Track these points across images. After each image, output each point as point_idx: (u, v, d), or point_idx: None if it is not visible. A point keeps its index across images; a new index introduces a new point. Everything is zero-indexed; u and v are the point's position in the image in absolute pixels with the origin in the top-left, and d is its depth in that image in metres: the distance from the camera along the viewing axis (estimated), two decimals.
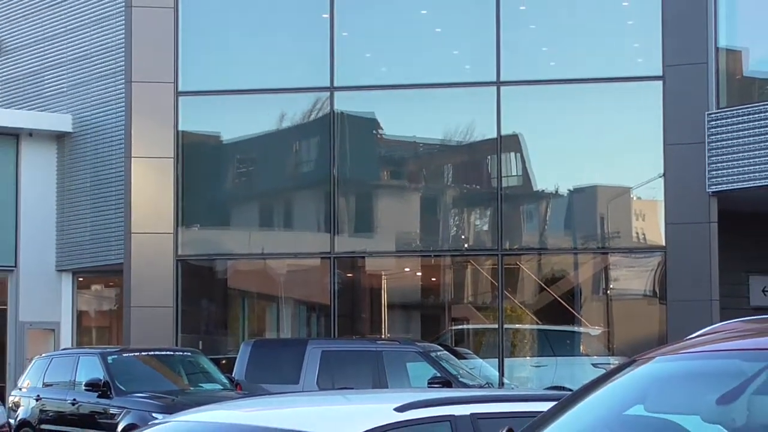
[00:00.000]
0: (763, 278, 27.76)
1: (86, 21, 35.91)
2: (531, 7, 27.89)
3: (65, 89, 36.42)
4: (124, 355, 24.01)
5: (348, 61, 28.32)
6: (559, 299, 28.06)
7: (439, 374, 22.46)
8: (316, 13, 28.54)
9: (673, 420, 4.59)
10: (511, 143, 27.97)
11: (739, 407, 4.36)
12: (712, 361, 4.69)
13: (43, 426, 23.55)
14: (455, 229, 29.26)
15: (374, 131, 29.49)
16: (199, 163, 29.29)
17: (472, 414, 6.78)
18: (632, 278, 28.22)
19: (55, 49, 37.01)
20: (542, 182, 28.52)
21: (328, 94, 28.34)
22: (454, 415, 6.78)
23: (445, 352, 24.59)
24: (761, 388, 4.32)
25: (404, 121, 29.20)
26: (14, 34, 38.62)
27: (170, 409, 17.57)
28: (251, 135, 29.94)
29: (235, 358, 25.04)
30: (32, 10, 38.34)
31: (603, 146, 27.71)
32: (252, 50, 29.25)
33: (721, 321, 5.28)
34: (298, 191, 30.17)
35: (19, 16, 38.71)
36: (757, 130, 24.96)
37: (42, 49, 37.51)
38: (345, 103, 28.47)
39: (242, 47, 29.28)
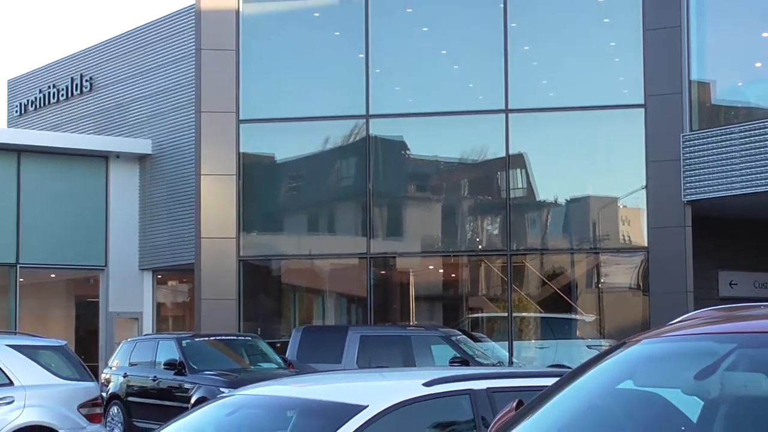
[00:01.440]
0: (730, 273, 27.67)
1: (163, 62, 36.04)
2: (533, 47, 27.82)
3: (146, 118, 36.56)
4: (196, 339, 24.02)
5: (381, 93, 28.29)
6: (558, 291, 27.99)
7: (458, 355, 22.43)
8: (354, 53, 28.53)
9: (658, 393, 4.60)
10: (517, 161, 27.92)
11: (713, 382, 4.37)
12: (690, 343, 4.67)
13: (130, 398, 23.60)
14: (471, 233, 29.19)
15: (403, 152, 29.45)
16: (257, 179, 29.28)
17: (487, 388, 6.76)
18: (620, 274, 28.12)
19: (138, 85, 37.13)
20: (544, 193, 28.45)
21: (365, 120, 28.32)
22: (472, 389, 6.76)
23: (463, 336, 24.52)
24: (731, 365, 4.33)
25: (427, 143, 29.14)
26: (104, 73, 38.78)
27: (234, 385, 17.52)
28: (300, 155, 29.93)
29: (288, 342, 25.04)
30: (119, 53, 38.48)
31: (594, 163, 27.62)
32: (300, 84, 29.22)
33: (695, 309, 5.22)
34: (339, 202, 30.14)
35: (107, 58, 38.86)
36: (723, 149, 24.93)
37: (127, 86, 37.65)
38: (378, 129, 28.45)
39: (292, 82, 29.26)
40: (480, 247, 29.00)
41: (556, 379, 5.22)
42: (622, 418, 4.59)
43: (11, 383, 15.89)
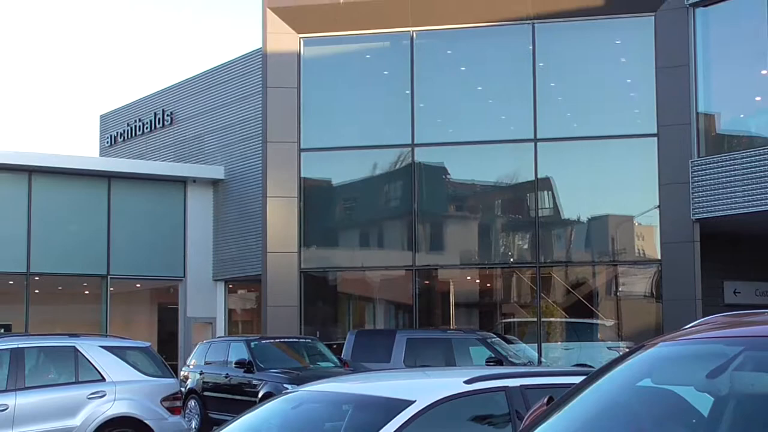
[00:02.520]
0: (734, 283, 27.47)
1: (234, 98, 36.19)
2: (558, 83, 27.77)
3: (219, 148, 36.71)
4: (263, 341, 24.05)
5: (424, 124, 28.30)
6: (581, 299, 27.86)
7: (493, 355, 22.37)
8: (401, 90, 28.56)
9: (674, 390, 4.56)
10: (544, 184, 27.82)
11: (723, 381, 4.33)
12: (702, 345, 4.65)
13: (205, 393, 23.68)
14: (504, 247, 29.10)
15: (443, 176, 29.43)
16: (315, 200, 29.34)
17: (521, 385, 6.74)
18: (635, 283, 27.94)
19: (212, 118, 37.32)
20: (568, 212, 28.34)
21: (410, 149, 28.33)
22: (507, 387, 6.74)
23: (498, 338, 24.46)
24: (739, 366, 4.29)
25: (465, 168, 29.11)
26: (183, 108, 38.99)
27: (297, 382, 17.57)
28: (353, 179, 29.97)
29: (343, 343, 25.05)
30: (195, 91, 38.64)
31: (612, 185, 27.50)
32: (353, 117, 29.30)
33: (703, 316, 5.19)
34: (387, 220, 30.13)
35: (186, 95, 39.05)
36: (727, 173, 24.80)
37: (203, 119, 37.84)
38: (422, 156, 28.46)
39: (346, 115, 29.35)
40: (512, 260, 28.91)
41: (581, 378, 5.21)
42: (642, 413, 4.57)
43: (103, 379, 15.97)
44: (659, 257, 26.38)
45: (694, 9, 25.81)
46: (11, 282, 33.11)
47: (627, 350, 5.30)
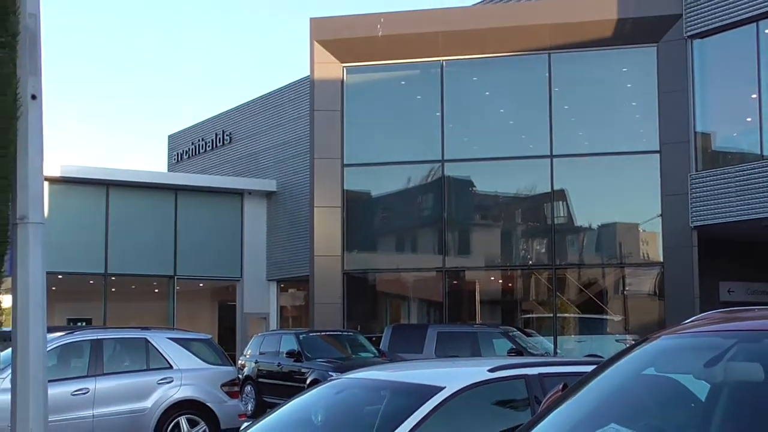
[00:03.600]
0: (728, 283, 27.31)
1: (285, 120, 36.35)
2: (571, 106, 27.69)
3: (272, 164, 36.85)
4: (311, 334, 24.06)
5: (453, 142, 28.28)
6: (592, 297, 27.74)
7: (514, 347, 22.29)
8: (432, 112, 28.56)
9: (674, 377, 4.54)
10: (559, 195, 27.76)
11: (718, 369, 4.30)
12: (700, 338, 4.62)
13: (260, 380, 23.71)
14: (523, 251, 29.03)
15: (470, 188, 29.39)
16: (357, 209, 29.36)
17: (539, 374, 6.71)
18: (640, 283, 27.81)
19: (266, 138, 37.47)
20: (580, 220, 28.24)
21: (440, 164, 28.32)
22: (527, 375, 6.72)
23: (518, 332, 24.38)
24: (733, 356, 4.26)
25: (489, 181, 29.06)
26: (240, 128, 39.18)
27: (340, 370, 17.55)
28: (390, 191, 29.97)
29: (381, 336, 25.04)
30: (251, 114, 38.80)
31: (620, 196, 27.40)
32: (390, 136, 29.30)
33: (701, 312, 5.16)
34: (420, 227, 30.13)
35: (242, 118, 39.22)
36: (722, 185, 24.72)
37: (257, 139, 38.01)
38: (451, 170, 28.43)
39: (384, 134, 29.36)
40: (530, 262, 28.84)
41: (592, 367, 5.19)
42: (646, 398, 4.56)
43: (171, 367, 16.03)
44: (661, 260, 26.26)
45: (692, 41, 25.75)
46: (91, 281, 33.35)
47: (633, 342, 5.28)
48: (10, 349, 7.64)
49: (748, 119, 25.14)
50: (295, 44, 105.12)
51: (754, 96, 24.70)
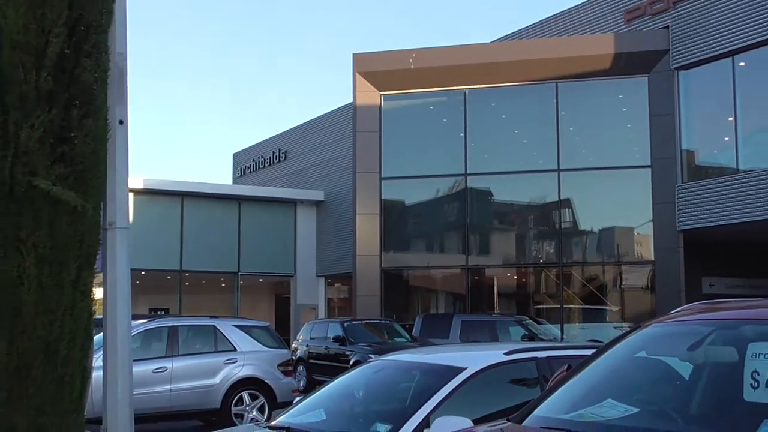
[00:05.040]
0: (710, 278, 27.05)
1: (332, 139, 36.50)
2: (576, 127, 27.59)
3: (320, 177, 36.97)
4: (353, 322, 24.11)
5: (474, 158, 28.26)
6: (594, 291, 27.62)
7: (527, 333, 22.25)
8: (456, 133, 28.58)
9: (663, 359, 4.55)
10: (566, 203, 27.68)
11: (699, 352, 4.30)
12: (684, 326, 4.63)
13: (310, 361, 23.76)
14: (535, 251, 28.94)
15: (489, 197, 29.33)
16: (393, 215, 29.39)
17: (548, 356, 6.69)
18: (635, 279, 27.65)
19: (315, 155, 37.61)
20: (584, 225, 28.11)
21: (464, 177, 28.33)
22: (537, 357, 6.70)
23: (530, 320, 24.33)
24: (711, 341, 4.27)
25: (506, 191, 29.00)
26: (294, 147, 39.36)
27: (379, 353, 17.59)
28: (421, 200, 29.97)
29: (413, 324, 25.07)
30: (303, 135, 38.94)
31: (618, 204, 27.26)
32: (421, 153, 29.28)
33: (685, 304, 5.15)
34: (446, 231, 30.09)
35: (296, 138, 39.41)
36: (704, 195, 24.60)
37: (308, 155, 38.17)
38: (473, 182, 28.42)
39: (415, 152, 29.34)
40: (541, 260, 28.73)
41: (592, 351, 5.20)
42: (638, 377, 4.55)
43: (235, 350, 16.12)
44: (653, 259, 26.12)
45: (677, 72, 25.67)
46: (169, 277, 33.59)
47: (627, 330, 5.28)
48: (101, 334, 7.71)
49: (726, 138, 25.00)
50: (341, 74, 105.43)
51: (730, 119, 24.59)
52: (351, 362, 20.54)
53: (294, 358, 21.89)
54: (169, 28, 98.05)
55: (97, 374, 7.65)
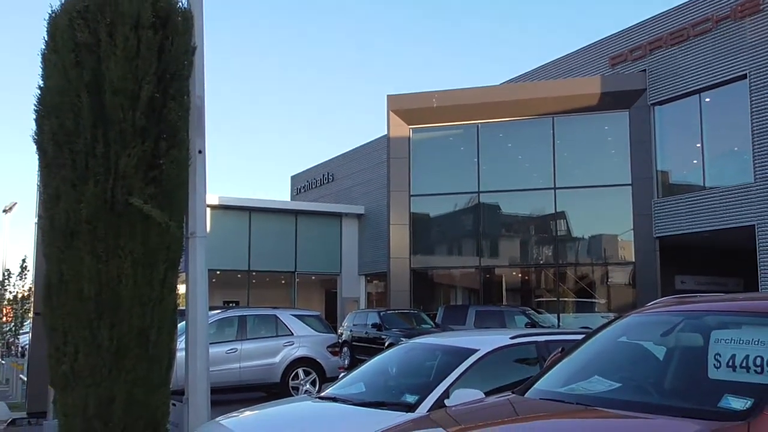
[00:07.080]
0: (682, 276, 26.78)
1: (371, 165, 36.49)
2: (569, 152, 27.42)
3: (361, 194, 36.98)
4: (388, 311, 24.12)
5: (486, 179, 28.21)
6: (584, 286, 27.40)
7: (529, 321, 22.13)
8: (471, 158, 28.53)
9: (641, 343, 4.51)
10: (561, 215, 27.52)
11: (671, 338, 4.27)
12: (658, 316, 4.58)
13: (353, 343, 23.71)
14: (536, 254, 28.76)
15: (498, 210, 29.20)
16: (420, 226, 29.36)
17: (546, 340, 6.66)
18: (619, 277, 27.37)
19: (357, 177, 37.64)
20: (576, 232, 27.89)
21: (477, 194, 28.26)
22: (537, 341, 6.66)
23: (532, 311, 24.17)
24: (681, 329, 4.23)
25: (511, 205, 28.85)
26: (340, 171, 39.39)
27: (408, 336, 17.54)
28: (442, 213, 29.89)
29: (436, 313, 25.01)
30: (347, 161, 38.96)
31: (604, 216, 27.04)
32: (442, 175, 29.24)
33: (661, 297, 5.11)
34: (463, 238, 29.97)
35: (342, 163, 39.44)
36: (676, 208, 24.37)
37: (352, 177, 38.17)
38: (485, 198, 28.34)
39: (437, 174, 29.30)
40: (541, 262, 28.55)
41: (583, 336, 5.16)
42: (620, 358, 4.52)
43: (292, 334, 16.17)
44: (634, 260, 25.87)
45: (654, 107, 25.53)
46: (239, 276, 33.78)
47: (612, 318, 5.24)
48: (184, 322, 7.76)
49: (695, 161, 24.76)
50: (378, 111, 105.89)
51: (698, 145, 24.36)
52: (386, 344, 20.52)
53: (340, 341, 21.93)
54: (244, 77, 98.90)
55: (180, 355, 7.69)
